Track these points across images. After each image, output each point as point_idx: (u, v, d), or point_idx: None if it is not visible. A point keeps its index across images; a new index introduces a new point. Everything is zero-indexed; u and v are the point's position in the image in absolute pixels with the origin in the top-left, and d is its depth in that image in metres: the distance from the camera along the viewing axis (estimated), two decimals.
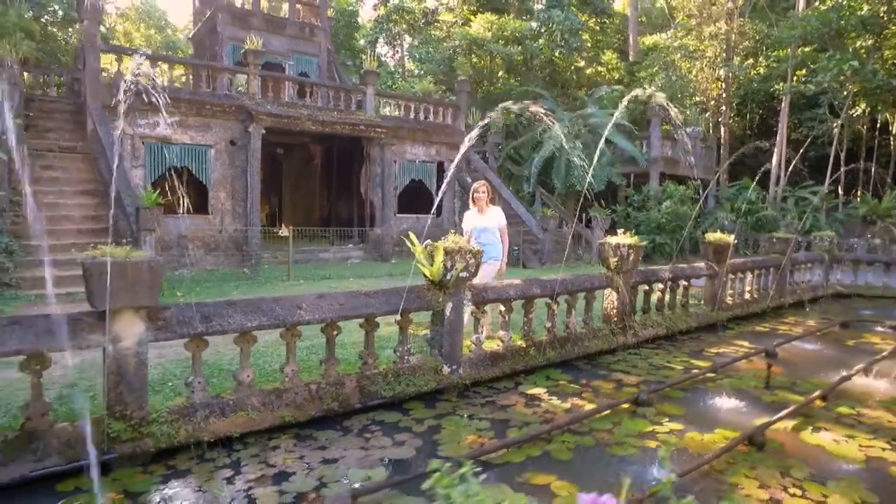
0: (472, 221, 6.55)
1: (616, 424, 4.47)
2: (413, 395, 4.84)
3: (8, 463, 3.28)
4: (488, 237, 6.40)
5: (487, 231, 6.44)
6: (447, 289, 5.01)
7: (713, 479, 3.61)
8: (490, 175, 15.94)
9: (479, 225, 6.48)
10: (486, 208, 6.59)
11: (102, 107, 11.41)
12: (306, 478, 3.47)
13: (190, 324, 3.80)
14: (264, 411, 4.11)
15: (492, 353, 5.56)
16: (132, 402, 3.59)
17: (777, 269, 9.65)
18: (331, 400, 4.41)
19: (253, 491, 3.30)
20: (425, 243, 5.17)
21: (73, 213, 9.91)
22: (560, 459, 3.85)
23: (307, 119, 12.97)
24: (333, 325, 4.48)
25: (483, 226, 6.47)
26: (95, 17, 11.36)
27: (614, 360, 6.47)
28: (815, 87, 15.25)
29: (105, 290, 3.36)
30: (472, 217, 6.59)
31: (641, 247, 6.89)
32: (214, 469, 3.58)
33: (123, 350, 3.53)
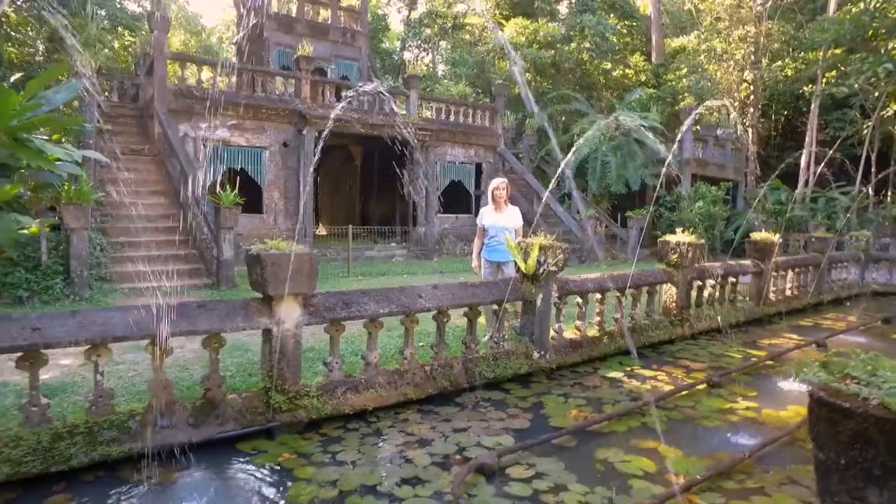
0: (488, 219, 6.34)
1: (697, 402, 4.98)
2: (509, 377, 5.37)
3: (199, 425, 3.86)
4: (503, 236, 6.15)
5: (503, 230, 6.21)
6: (539, 281, 5.54)
7: (796, 447, 4.10)
8: (529, 177, 16.45)
9: (496, 223, 6.27)
10: (505, 207, 6.37)
11: (168, 111, 12.05)
12: (445, 443, 4.02)
13: (334, 310, 4.35)
14: (390, 389, 4.66)
15: (571, 341, 6.08)
16: (290, 378, 4.15)
17: (816, 268, 10.07)
18: (443, 380, 4.95)
19: (405, 453, 3.85)
20: (518, 240, 5.71)
21: (150, 212, 10.56)
22: (657, 429, 4.37)
23: (357, 122, 13.57)
24: (445, 312, 5.02)
25: (501, 225, 6.25)
26: (164, 27, 12.02)
27: (675, 349, 6.96)
28: (847, 90, 15.57)
29: (272, 279, 3.92)
30: (488, 214, 6.38)
31: (700, 244, 7.37)
32: (361, 437, 4.13)
33: (285, 331, 4.09)
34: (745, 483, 3.48)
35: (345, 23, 18.34)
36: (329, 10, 18.22)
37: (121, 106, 13.57)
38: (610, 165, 15.98)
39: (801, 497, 3.34)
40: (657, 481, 3.52)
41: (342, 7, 18.46)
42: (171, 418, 3.78)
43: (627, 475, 3.60)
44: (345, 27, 18.26)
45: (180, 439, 3.73)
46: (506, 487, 3.40)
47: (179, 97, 12.18)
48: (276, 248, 3.97)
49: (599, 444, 4.09)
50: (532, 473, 3.58)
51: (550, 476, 3.55)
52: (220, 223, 9.15)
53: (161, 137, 12.09)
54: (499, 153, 16.57)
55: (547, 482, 3.47)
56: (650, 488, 3.41)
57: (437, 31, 24.52)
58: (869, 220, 15.29)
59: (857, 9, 15.35)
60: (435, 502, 3.22)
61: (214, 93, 12.60)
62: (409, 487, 3.38)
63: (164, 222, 10.52)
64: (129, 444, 3.58)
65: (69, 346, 3.47)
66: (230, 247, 9.15)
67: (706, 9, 20.48)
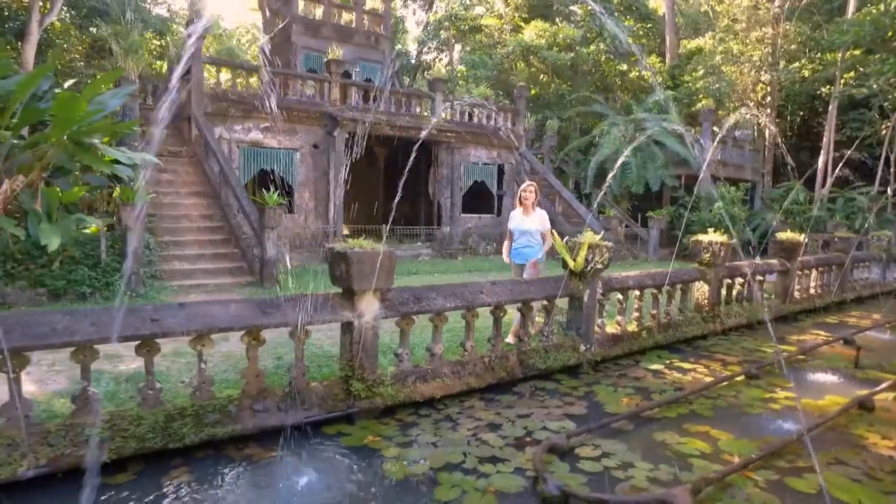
0: (514, 222, 6.54)
1: (738, 392, 5.30)
2: (559, 369, 5.70)
3: (288, 410, 4.21)
4: (528, 239, 6.41)
5: (528, 233, 6.40)
6: (586, 278, 5.86)
7: (838, 432, 4.41)
8: (550, 177, 16.76)
9: (521, 226, 6.45)
10: (532, 210, 6.51)
11: (204, 114, 12.45)
12: (513, 427, 4.35)
13: (406, 304, 4.70)
14: (454, 378, 5.00)
15: (613, 335, 6.40)
16: (368, 367, 4.50)
17: (839, 267, 10.33)
18: (501, 370, 5.29)
19: (479, 436, 4.18)
20: (565, 239, 6.04)
21: (191, 212, 10.96)
22: (705, 415, 4.69)
23: (386, 124, 13.93)
24: (501, 307, 5.36)
25: (525, 228, 6.41)
26: (202, 33, 12.41)
27: (708, 344, 7.26)
28: (867, 91, 15.76)
29: (356, 275, 4.27)
30: (516, 217, 6.56)
31: (732, 244, 7.66)
32: (434, 422, 4.47)
33: (365, 324, 4.44)
34: (795, 462, 3.80)
35: (369, 26, 18.71)
36: (353, 14, 18.59)
37: (154, 109, 13.97)
38: (630, 166, 16.27)
39: (850, 475, 3.65)
40: (714, 460, 3.85)
41: (366, 11, 18.83)
42: (263, 403, 4.14)
43: (686, 455, 3.92)
44: (369, 30, 18.63)
45: (273, 422, 4.09)
46: (578, 465, 3.73)
47: (215, 101, 12.57)
48: (358, 247, 4.32)
49: (654, 428, 4.41)
50: (599, 453, 3.91)
51: (616, 455, 3.88)
52: (265, 223, 9.52)
53: (197, 140, 12.49)
54: (520, 154, 16.88)
55: (614, 460, 3.80)
56: (709, 466, 3.73)
57: (456, 34, 24.85)
58: (888, 221, 15.48)
59: (876, 10, 15.52)
60: (518, 477, 3.56)
61: (248, 96, 12.98)
62: (490, 465, 3.72)
63: (205, 222, 10.91)
64: (230, 425, 3.94)
65: (181, 335, 3.84)
66: (273, 246, 9.53)
67: (723, 11, 20.68)
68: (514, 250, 6.51)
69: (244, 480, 3.55)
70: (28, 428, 3.45)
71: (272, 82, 13.16)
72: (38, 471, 3.35)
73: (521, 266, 6.45)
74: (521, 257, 6.44)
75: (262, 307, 4.10)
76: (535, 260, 6.36)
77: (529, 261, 6.36)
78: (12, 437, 3.39)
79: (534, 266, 6.36)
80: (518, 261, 6.47)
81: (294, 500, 3.35)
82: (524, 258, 6.40)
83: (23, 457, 3.35)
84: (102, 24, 12.71)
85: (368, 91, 14.88)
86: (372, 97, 14.87)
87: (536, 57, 20.30)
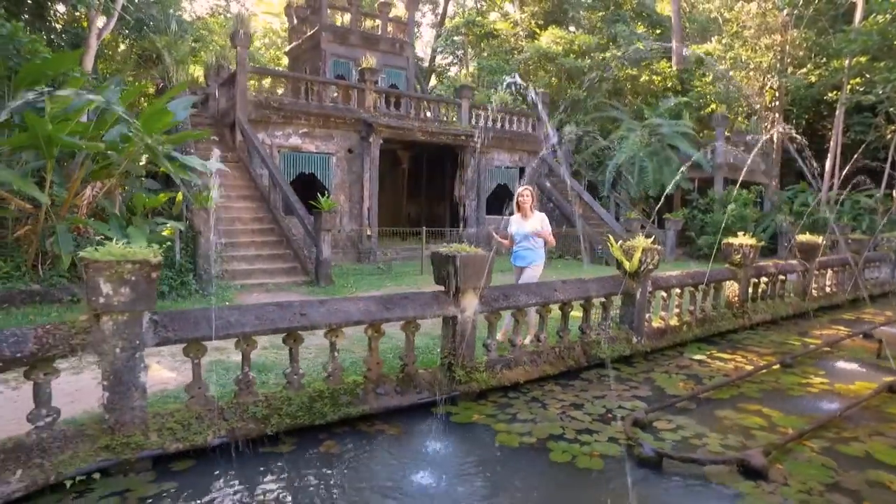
0: (514, 226, 6.64)
1: (777, 379, 6.01)
2: (616, 359, 6.41)
3: (404, 393, 4.90)
4: (527, 243, 6.51)
5: (527, 237, 6.50)
6: (639, 278, 6.57)
7: (873, 410, 5.13)
8: (571, 180, 17.48)
9: (520, 230, 6.55)
10: (530, 214, 6.62)
11: (249, 120, 13.10)
12: (594, 406, 5.06)
13: (497, 300, 5.40)
14: (532, 366, 5.71)
15: (658, 329, 7.12)
16: (467, 356, 5.19)
17: (853, 267, 11.07)
18: (569, 359, 6.00)
19: (568, 413, 4.88)
20: (619, 242, 6.73)
21: (243, 215, 11.61)
22: (754, 397, 5.40)
23: (418, 130, 14.61)
24: (569, 303, 6.06)
25: (524, 231, 6.52)
26: (245, 43, 13.04)
27: (739, 337, 7.98)
28: (874, 98, 16.50)
29: (462, 275, 4.95)
30: (514, 222, 6.68)
31: (759, 246, 8.38)
32: (524, 402, 5.16)
33: (465, 318, 5.13)
34: (841, 434, 4.51)
35: (393, 33, 19.37)
36: (378, 21, 19.24)
37: (196, 115, 14.60)
38: (647, 170, 16.99)
39: (891, 444, 4.36)
40: (772, 431, 4.56)
41: (391, 19, 19.49)
42: (384, 387, 4.83)
43: (747, 427, 4.63)
44: (393, 38, 19.29)
45: (393, 403, 4.78)
46: (659, 435, 4.43)
47: (258, 108, 13.22)
48: (462, 250, 5.01)
49: (713, 407, 5.13)
50: (673, 426, 4.61)
51: (688, 428, 4.58)
52: (321, 225, 10.18)
53: (242, 145, 13.13)
54: (541, 158, 17.59)
55: (688, 432, 4.51)
56: (768, 436, 4.44)
57: (472, 40, 25.49)
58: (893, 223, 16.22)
59: (883, 19, 16.25)
60: (612, 444, 4.26)
61: (289, 103, 13.62)
62: (587, 435, 4.41)
63: (256, 224, 11.57)
64: (360, 405, 4.63)
65: (323, 328, 4.52)
66: (328, 247, 10.19)
67: (732, 18, 21.40)
68: (515, 253, 6.66)
69: (386, 450, 4.23)
70: (206, 404, 4.14)
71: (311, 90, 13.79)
72: (220, 440, 4.03)
73: (521, 269, 6.59)
74: (522, 260, 6.59)
75: (385, 304, 4.79)
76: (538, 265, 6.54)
77: (531, 264, 6.50)
78: (197, 412, 4.07)
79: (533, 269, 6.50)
80: (519, 264, 6.62)
81: (438, 464, 4.02)
82: (525, 261, 6.55)
83: (209, 427, 4.04)
84: (150, 35, 13.34)
85: (400, 98, 15.54)
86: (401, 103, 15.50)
87: (553, 63, 21.00)
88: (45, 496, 3.44)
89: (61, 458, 3.58)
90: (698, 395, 5.34)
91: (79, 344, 3.63)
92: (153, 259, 3.72)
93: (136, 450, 3.77)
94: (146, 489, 3.58)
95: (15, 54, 8.86)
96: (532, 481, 3.80)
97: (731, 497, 3.55)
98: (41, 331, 3.55)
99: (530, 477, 3.86)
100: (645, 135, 17.44)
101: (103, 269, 3.57)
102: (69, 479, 3.53)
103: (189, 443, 3.93)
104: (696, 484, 3.74)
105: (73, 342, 3.61)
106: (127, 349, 3.75)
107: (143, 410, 3.86)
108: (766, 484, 3.66)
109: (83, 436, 3.74)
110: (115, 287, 3.60)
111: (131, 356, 3.77)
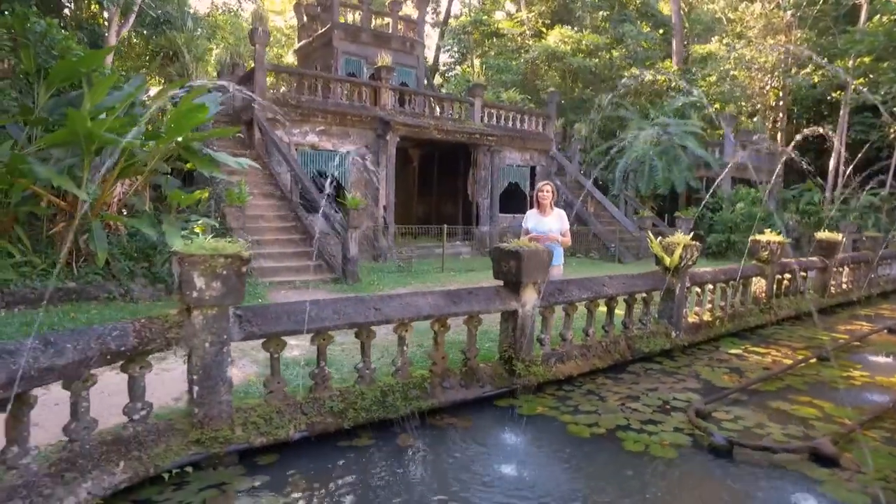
0: (532, 222, 6.42)
1: (817, 372, 6.18)
2: (656, 353, 6.55)
3: (467, 387, 4.99)
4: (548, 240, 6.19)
5: (549, 233, 6.26)
6: (679, 274, 6.71)
7: None
8: (581, 178, 17.64)
9: (539, 227, 6.32)
10: (550, 210, 6.40)
11: (267, 119, 13.11)
12: (649, 398, 5.18)
13: (553, 295, 5.51)
14: (582, 360, 5.82)
15: (693, 324, 7.26)
16: (526, 349, 5.30)
17: (867, 264, 11.31)
18: (615, 353, 6.13)
19: (627, 405, 5.00)
20: (658, 239, 6.87)
21: (266, 213, 11.64)
22: (800, 389, 5.56)
23: (434, 128, 14.69)
24: (615, 298, 6.19)
25: (544, 228, 6.29)
26: (264, 40, 13.05)
27: (768, 332, 8.16)
28: (881, 98, 16.83)
29: (525, 270, 5.05)
30: (533, 217, 6.45)
31: (786, 243, 8.56)
32: (581, 394, 5.28)
33: (526, 312, 5.24)
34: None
35: (403, 32, 19.43)
36: (389, 20, 19.29)
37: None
38: (657, 169, 17.20)
39: None
40: (828, 421, 4.70)
41: (401, 17, 19.54)
42: (449, 381, 4.92)
43: (804, 418, 4.78)
44: (403, 36, 19.34)
45: (459, 397, 4.88)
46: (721, 425, 4.56)
47: (278, 106, 13.23)
48: (524, 245, 5.11)
49: (764, 398, 5.27)
50: (732, 417, 4.75)
51: (747, 418, 4.72)
52: (350, 223, 10.24)
53: (260, 143, 13.15)
54: (551, 156, 17.72)
55: (748, 422, 4.64)
56: (826, 426, 4.58)
57: (478, 38, 25.59)
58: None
59: (888, 20, 16.57)
60: (679, 434, 4.38)
61: (306, 101, 13.65)
62: (652, 426, 4.53)
63: (280, 222, 11.61)
64: (429, 399, 4.71)
65: (396, 322, 4.60)
66: (356, 245, 10.26)
67: (736, 18, 21.67)
68: None
69: (461, 442, 4.32)
70: (284, 399, 4.21)
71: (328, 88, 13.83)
72: (301, 434, 4.10)
73: None
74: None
75: (452, 298, 4.88)
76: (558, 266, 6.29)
77: (553, 265, 5.93)
78: (277, 407, 4.15)
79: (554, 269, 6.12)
80: None
81: (516, 454, 4.12)
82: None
83: (289, 422, 4.12)
84: (167, 32, 13.31)
85: (415, 96, 15.61)
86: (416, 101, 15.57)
87: (561, 62, 21.16)
88: (145, 488, 3.50)
89: (156, 452, 3.64)
90: (747, 387, 5.49)
91: (173, 338, 3.70)
92: (244, 254, 3.79)
93: (223, 444, 3.83)
94: (240, 482, 3.64)
95: (44, 51, 8.83)
96: (609, 469, 3.92)
97: (810, 484, 3.68)
98: (138, 325, 3.61)
99: (607, 465, 3.97)
100: (654, 134, 17.65)
101: (198, 263, 3.63)
102: (166, 471, 3.60)
103: (272, 437, 4.00)
104: (771, 471, 3.87)
105: (169, 336, 3.68)
106: (215, 343, 3.81)
107: (229, 405, 3.93)
108: (841, 472, 3.80)
109: (173, 430, 3.80)
110: (207, 281, 3.67)
111: (219, 350, 3.84)
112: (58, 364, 3.07)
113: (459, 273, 12.26)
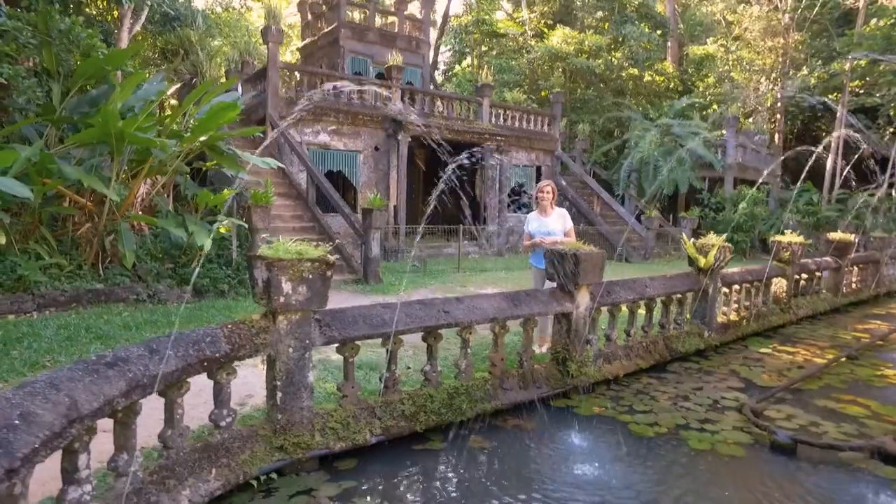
0: (534, 224, 6.25)
1: (851, 370, 6.36)
2: (692, 352, 6.68)
3: (525, 387, 5.07)
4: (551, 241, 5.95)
5: (551, 235, 6.05)
6: (712, 274, 6.85)
7: None
8: (587, 179, 17.80)
9: (542, 228, 6.13)
10: (551, 210, 6.21)
11: (279, 118, 13.04)
12: (698, 397, 5.30)
13: (603, 296, 5.60)
14: (626, 360, 5.94)
15: (722, 324, 7.42)
16: (578, 350, 5.39)
17: (876, 264, 11.61)
18: (655, 353, 6.25)
19: (678, 405, 5.11)
20: (692, 240, 7.00)
21: (282, 213, 11.59)
22: (841, 388, 5.72)
23: (444, 128, 14.72)
24: (654, 299, 6.31)
25: (547, 229, 6.10)
26: (278, 39, 12.96)
27: (790, 332, 8.35)
28: (879, 100, 17.22)
29: (582, 271, 5.13)
30: (534, 220, 6.27)
31: (807, 244, 8.77)
32: (632, 394, 5.38)
33: (580, 314, 5.32)
34: None
35: (409, 31, 19.40)
36: (395, 19, 19.26)
37: None
38: (661, 169, 17.43)
39: None
40: (879, 420, 4.85)
41: (407, 17, 19.52)
42: (508, 383, 5.00)
43: (854, 416, 4.93)
44: (409, 36, 19.32)
45: (518, 398, 4.94)
46: (776, 423, 4.69)
47: (290, 104, 13.17)
48: (580, 248, 5.19)
49: (808, 396, 5.42)
50: (784, 415, 4.88)
51: (798, 417, 4.86)
52: (371, 223, 10.25)
53: (273, 142, 13.07)
54: (556, 156, 17.86)
55: (801, 420, 4.78)
56: (879, 425, 4.74)
57: (479, 38, 25.61)
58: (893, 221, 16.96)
59: (885, 23, 16.96)
60: (738, 431, 4.50)
61: (319, 100, 13.60)
62: (710, 424, 4.65)
63: (296, 222, 11.57)
64: (492, 401, 4.77)
65: (464, 324, 4.65)
66: (377, 245, 10.27)
67: (735, 20, 21.98)
68: (536, 254, 6.08)
69: (528, 443, 4.39)
70: (358, 403, 4.25)
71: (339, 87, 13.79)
72: (377, 438, 4.14)
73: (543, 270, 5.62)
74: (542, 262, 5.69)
75: (513, 300, 4.95)
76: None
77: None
78: (352, 412, 4.18)
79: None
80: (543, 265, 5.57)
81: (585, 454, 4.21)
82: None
83: (365, 426, 4.15)
84: (179, 30, 13.16)
85: (426, 95, 15.62)
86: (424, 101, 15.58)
87: (564, 63, 21.30)
88: (235, 495, 3.52)
89: (243, 458, 3.66)
90: (790, 385, 5.63)
91: (261, 343, 3.72)
92: (330, 258, 3.81)
93: (305, 449, 3.85)
94: (327, 488, 3.66)
95: (63, 50, 8.70)
96: (679, 468, 4.01)
97: (880, 482, 3.81)
98: (227, 330, 3.63)
99: (676, 464, 4.06)
100: (658, 135, 17.87)
101: (287, 267, 3.64)
102: (254, 478, 3.62)
103: (351, 441, 4.03)
104: (837, 469, 4.00)
105: (257, 341, 3.69)
106: (298, 348, 3.84)
107: (311, 410, 3.95)
108: None
109: (257, 436, 3.82)
110: (294, 286, 3.68)
111: (302, 356, 3.86)
112: (165, 372, 3.09)
113: (474, 273, 12.33)
